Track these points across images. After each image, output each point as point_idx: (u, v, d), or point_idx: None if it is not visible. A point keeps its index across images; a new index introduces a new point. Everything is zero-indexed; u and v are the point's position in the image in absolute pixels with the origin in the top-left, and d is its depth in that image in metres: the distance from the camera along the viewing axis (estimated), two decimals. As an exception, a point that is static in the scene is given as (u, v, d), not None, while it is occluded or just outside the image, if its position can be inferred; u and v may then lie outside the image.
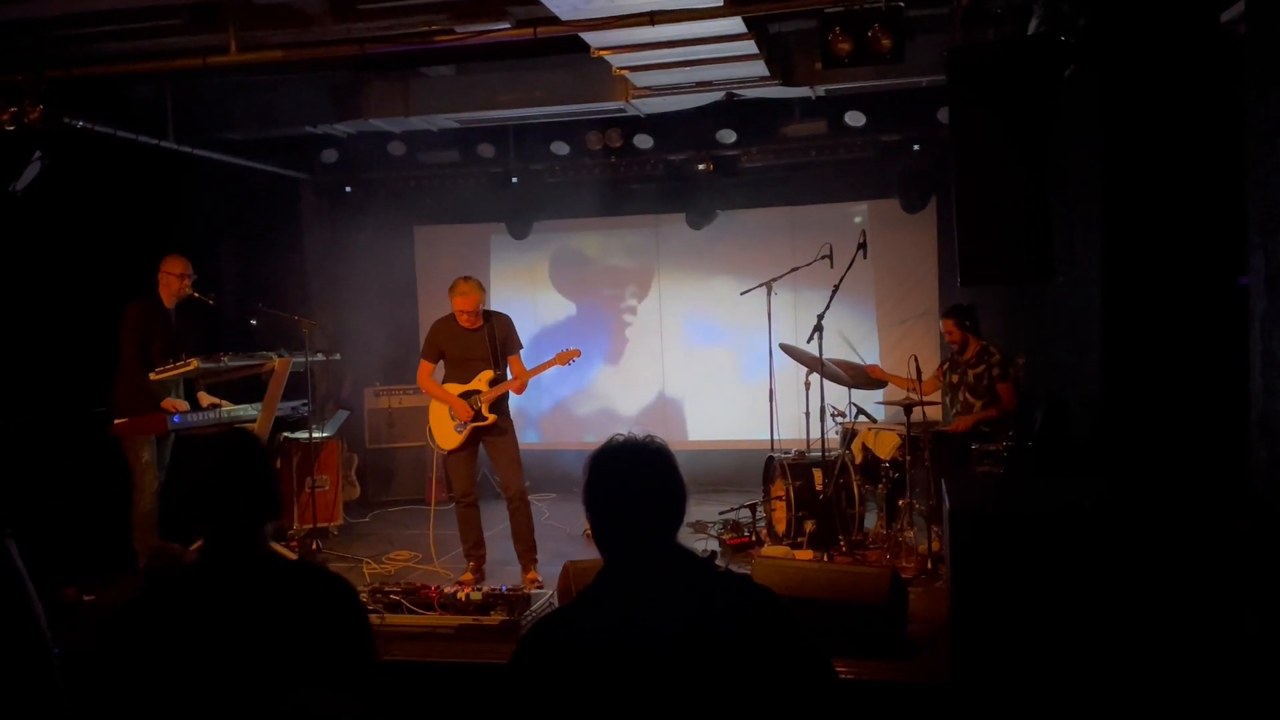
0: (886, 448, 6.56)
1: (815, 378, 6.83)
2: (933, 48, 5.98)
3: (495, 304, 6.17)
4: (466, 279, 6.02)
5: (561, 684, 1.91)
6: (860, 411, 6.91)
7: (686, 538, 6.20)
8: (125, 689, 2.17)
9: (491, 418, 6.04)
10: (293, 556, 6.49)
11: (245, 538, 2.27)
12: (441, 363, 6.18)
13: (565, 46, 6.20)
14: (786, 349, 7.09)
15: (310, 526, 7.20)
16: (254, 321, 7.05)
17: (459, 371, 6.12)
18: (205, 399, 6.51)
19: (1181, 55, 4.30)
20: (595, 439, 9.37)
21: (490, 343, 6.06)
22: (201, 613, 2.17)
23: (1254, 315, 3.24)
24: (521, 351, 6.25)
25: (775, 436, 7.28)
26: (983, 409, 6.50)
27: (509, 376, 6.14)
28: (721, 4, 5.29)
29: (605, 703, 1.88)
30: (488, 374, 6.06)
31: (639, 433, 2.14)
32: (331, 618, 2.23)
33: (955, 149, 4.91)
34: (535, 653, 1.99)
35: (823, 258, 6.92)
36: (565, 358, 6.17)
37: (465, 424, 6.02)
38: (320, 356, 7.04)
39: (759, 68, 6.48)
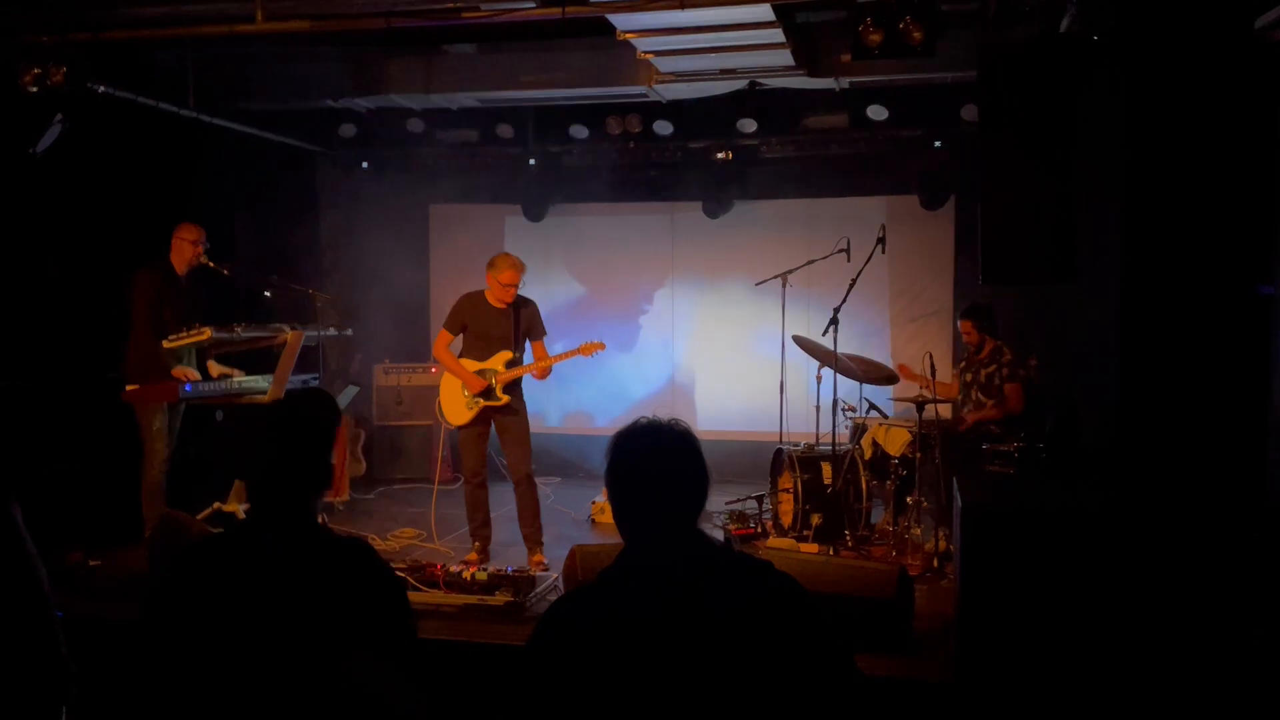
0: (896, 444, 6.53)
1: (826, 371, 6.81)
2: (960, 44, 5.95)
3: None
4: (513, 257, 6.02)
5: (581, 664, 1.90)
6: (872, 407, 6.90)
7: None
8: (169, 654, 2.23)
9: (505, 398, 6.03)
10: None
11: (295, 508, 2.31)
12: (458, 339, 6.18)
13: (589, 29, 6.17)
14: (800, 341, 7.07)
15: (316, 500, 7.20)
16: (268, 293, 7.04)
17: (477, 349, 6.10)
18: (216, 369, 6.50)
19: (1211, 59, 4.27)
20: (603, 425, 9.43)
21: (514, 325, 6.06)
22: (244, 579, 2.23)
23: (1278, 325, 3.23)
24: (546, 339, 6.24)
25: (784, 429, 7.27)
26: (992, 408, 6.48)
27: (525, 361, 6.13)
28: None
29: (624, 684, 1.87)
30: (506, 355, 6.05)
31: (661, 416, 2.14)
32: (373, 591, 2.29)
33: (984, 145, 4.90)
34: (555, 632, 1.97)
35: (840, 251, 6.91)
36: (588, 349, 6.15)
37: (476, 397, 6.01)
38: (332, 331, 7.02)
39: (785, 57, 6.45)
